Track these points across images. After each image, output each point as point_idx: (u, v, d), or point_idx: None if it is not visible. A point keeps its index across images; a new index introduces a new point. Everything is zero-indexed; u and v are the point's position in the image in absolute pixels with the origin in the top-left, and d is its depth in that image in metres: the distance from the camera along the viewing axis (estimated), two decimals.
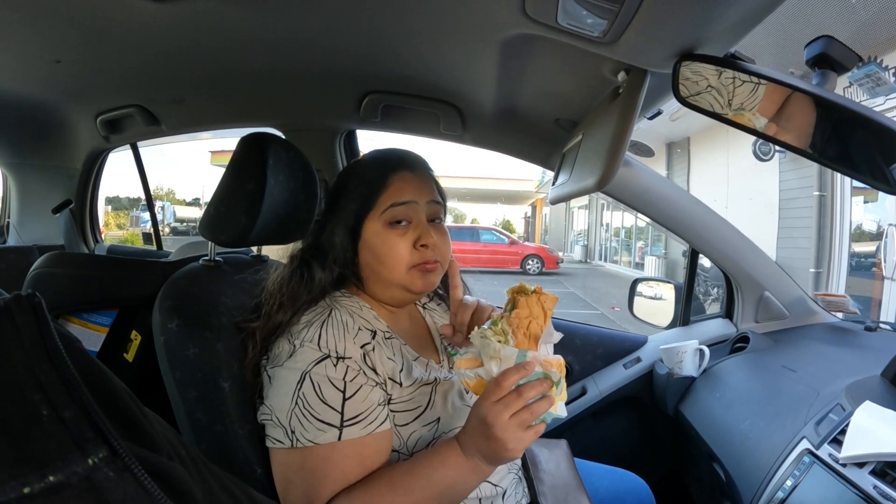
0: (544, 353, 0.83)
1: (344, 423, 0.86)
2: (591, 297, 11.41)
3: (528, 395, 0.79)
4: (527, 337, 0.82)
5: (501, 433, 0.78)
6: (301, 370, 0.88)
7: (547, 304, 0.83)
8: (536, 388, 0.80)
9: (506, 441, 0.78)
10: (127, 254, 2.54)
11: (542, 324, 0.83)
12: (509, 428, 0.78)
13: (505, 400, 0.79)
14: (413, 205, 1.01)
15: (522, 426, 0.79)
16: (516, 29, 0.91)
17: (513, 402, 0.78)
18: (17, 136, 2.12)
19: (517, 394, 0.79)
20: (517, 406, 0.78)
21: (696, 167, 11.16)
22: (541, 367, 0.81)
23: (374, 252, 1.00)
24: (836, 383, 1.13)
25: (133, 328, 1.32)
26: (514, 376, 0.79)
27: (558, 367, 0.83)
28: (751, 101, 0.80)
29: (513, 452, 0.80)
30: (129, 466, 0.32)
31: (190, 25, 1.16)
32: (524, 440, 0.79)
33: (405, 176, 1.03)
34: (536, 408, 0.79)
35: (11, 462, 0.28)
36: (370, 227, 1.01)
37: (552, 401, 0.81)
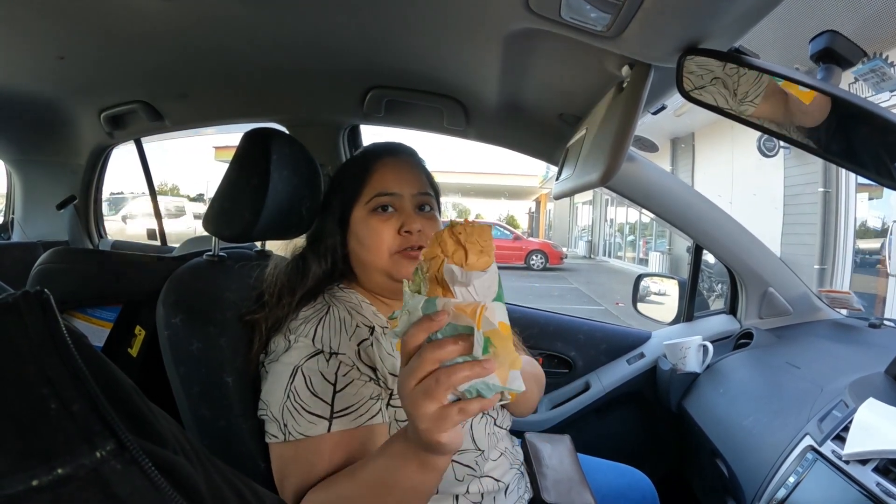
0: (462, 299, 0.60)
1: (334, 415, 0.86)
2: (595, 292, 11.39)
3: (432, 354, 0.59)
4: (438, 282, 0.61)
5: (408, 406, 0.61)
6: (293, 364, 0.89)
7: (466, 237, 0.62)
8: (447, 346, 0.58)
9: (415, 418, 0.61)
10: (131, 249, 2.54)
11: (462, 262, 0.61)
12: (414, 400, 0.60)
13: (409, 364, 0.61)
14: (398, 196, 1.02)
15: (431, 397, 0.59)
16: (520, 23, 0.91)
17: (416, 366, 0.60)
18: (22, 132, 2.13)
19: (418, 354, 0.60)
20: (421, 370, 0.59)
21: (700, 163, 11.13)
22: (457, 319, 0.59)
23: (358, 239, 1.02)
24: (840, 380, 1.12)
25: (137, 323, 1.33)
26: (415, 331, 0.60)
27: (471, 313, 0.58)
28: (755, 96, 0.79)
29: (427, 434, 0.61)
30: (136, 459, 0.32)
31: (194, 21, 1.16)
32: (441, 419, 0.60)
33: (388, 162, 1.05)
34: (452, 373, 0.58)
35: (20, 454, 0.29)
36: (356, 216, 1.03)
37: (485, 367, 0.58)
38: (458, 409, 0.59)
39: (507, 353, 0.59)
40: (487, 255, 0.62)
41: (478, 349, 0.57)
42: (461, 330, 0.59)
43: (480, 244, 0.61)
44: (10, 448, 0.29)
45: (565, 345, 1.88)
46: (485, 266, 0.62)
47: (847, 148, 0.78)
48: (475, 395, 0.60)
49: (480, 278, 0.61)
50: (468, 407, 0.60)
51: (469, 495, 0.99)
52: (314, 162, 1.16)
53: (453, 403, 0.60)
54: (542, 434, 1.29)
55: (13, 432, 0.29)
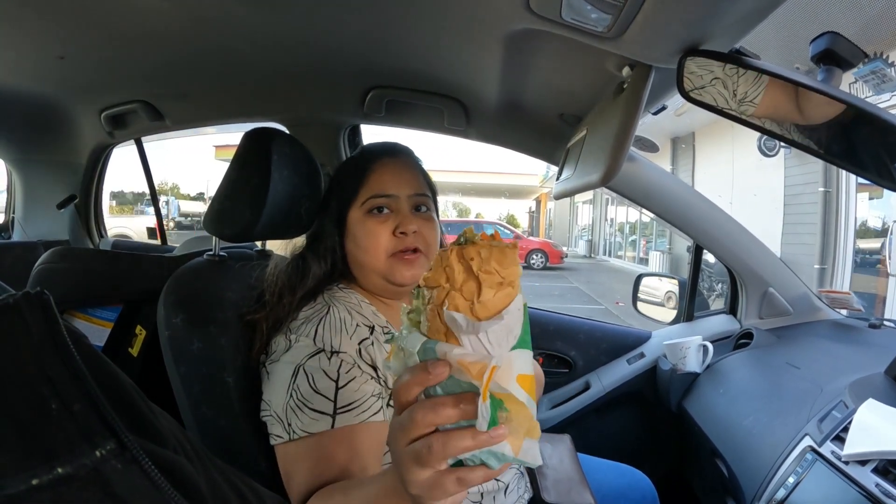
0: (471, 349, 0.46)
1: (337, 411, 0.86)
2: (596, 292, 11.39)
3: (426, 418, 0.47)
4: (441, 320, 0.47)
5: (398, 467, 0.51)
6: (295, 363, 0.89)
7: (480, 264, 0.46)
8: (445, 409, 0.47)
9: (405, 482, 0.50)
10: (131, 249, 2.54)
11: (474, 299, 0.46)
12: (404, 462, 0.49)
13: (400, 418, 0.50)
14: (394, 198, 1.02)
15: (422, 464, 0.48)
16: (521, 24, 0.91)
17: (406, 425, 0.49)
18: (22, 131, 2.12)
19: (410, 413, 0.48)
20: (413, 432, 0.48)
21: (700, 163, 11.13)
22: (459, 374, 0.46)
23: (355, 240, 1.03)
24: (840, 380, 1.12)
25: (138, 323, 1.33)
26: (409, 382, 0.48)
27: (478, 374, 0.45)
28: (756, 98, 0.79)
29: (419, 501, 0.51)
30: (136, 459, 0.32)
31: (194, 20, 1.16)
32: (432, 487, 0.49)
33: (385, 162, 1.05)
34: (449, 442, 0.46)
35: (21, 454, 0.29)
36: (352, 217, 1.03)
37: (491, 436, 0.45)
38: (457, 478, 0.48)
39: (523, 419, 0.46)
40: (510, 287, 0.48)
41: (482, 423, 0.44)
42: (465, 387, 0.46)
43: (500, 274, 0.47)
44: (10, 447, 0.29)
45: (565, 344, 1.89)
46: (503, 304, 0.47)
47: (847, 149, 0.78)
48: (479, 464, 0.48)
49: (495, 326, 0.46)
50: (468, 476, 0.49)
51: (469, 495, 0.99)
52: (314, 162, 1.16)
53: (451, 470, 0.48)
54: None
55: (14, 432, 0.29)
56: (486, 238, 0.49)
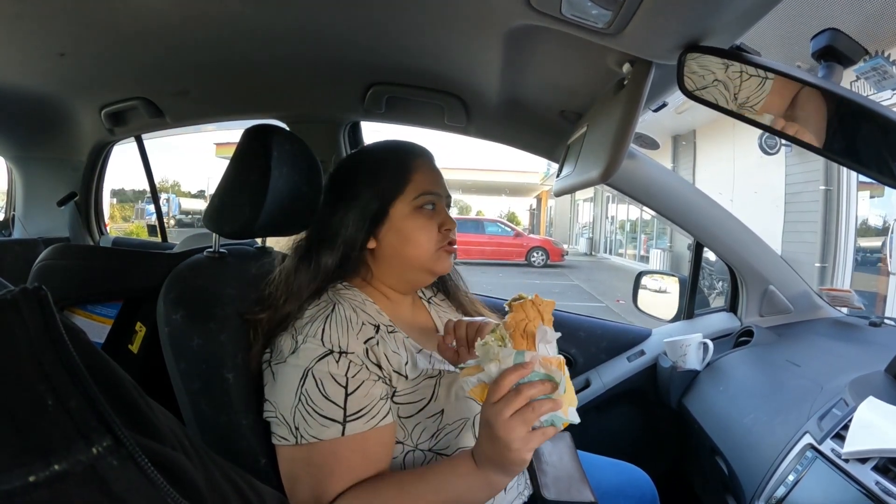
0: (544, 352, 0.81)
1: (347, 419, 0.86)
2: (596, 289, 11.39)
3: (528, 392, 0.77)
4: (524, 338, 0.80)
5: (503, 432, 0.76)
6: (304, 367, 0.89)
7: (543, 308, 0.82)
8: (538, 387, 0.78)
9: (509, 441, 0.76)
10: (132, 246, 2.54)
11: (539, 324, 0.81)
12: (511, 426, 0.76)
13: (506, 398, 0.77)
14: (439, 196, 1.07)
15: (526, 424, 0.77)
16: (521, 20, 0.91)
17: (513, 400, 0.77)
18: (22, 129, 2.13)
19: (517, 392, 0.77)
20: (518, 403, 0.77)
21: (701, 160, 11.12)
22: (541, 367, 0.79)
23: (402, 234, 1.03)
24: (840, 378, 1.12)
25: (138, 320, 1.33)
26: (512, 375, 0.78)
27: (558, 365, 0.80)
28: (756, 94, 0.79)
29: (518, 454, 0.77)
30: (132, 455, 0.32)
31: (194, 17, 1.16)
32: (529, 441, 0.77)
33: (425, 163, 1.08)
34: (541, 405, 0.77)
35: (17, 450, 0.29)
36: (399, 210, 1.03)
37: (559, 403, 0.79)
38: (542, 432, 0.79)
39: (570, 393, 0.81)
40: (552, 319, 0.83)
41: (561, 390, 0.79)
42: (543, 376, 0.79)
43: (549, 314, 0.82)
44: (7, 444, 0.29)
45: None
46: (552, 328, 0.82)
47: (848, 146, 0.77)
48: (549, 425, 0.80)
49: (555, 339, 0.82)
50: (547, 431, 0.79)
51: None
52: (314, 158, 1.16)
53: (535, 430, 0.79)
54: None
55: (10, 428, 0.29)
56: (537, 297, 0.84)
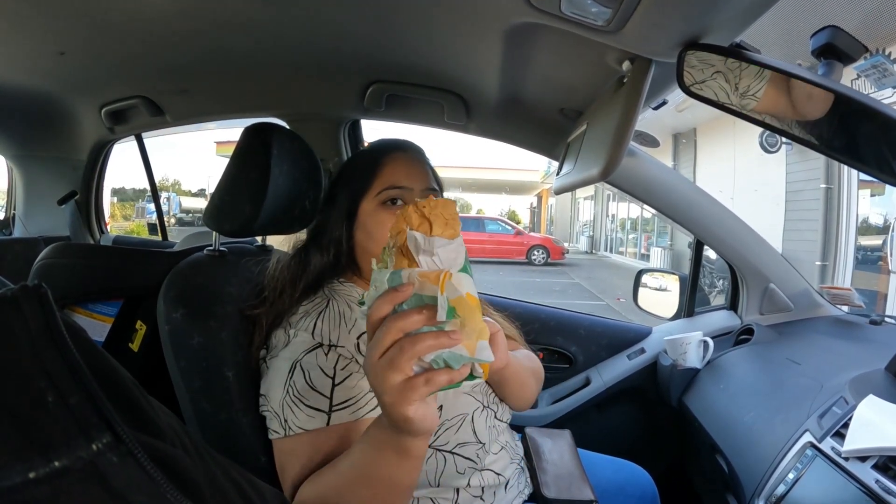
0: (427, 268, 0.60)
1: (332, 408, 0.87)
2: (597, 287, 11.39)
3: (396, 323, 0.58)
4: (404, 255, 0.61)
5: (374, 380, 0.60)
6: (292, 359, 0.90)
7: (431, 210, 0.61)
8: (412, 315, 0.58)
9: (381, 392, 0.59)
10: (132, 244, 2.55)
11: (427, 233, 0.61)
12: (379, 372, 0.58)
13: (375, 336, 0.60)
14: (408, 190, 1.03)
15: (395, 368, 0.57)
16: (520, 18, 0.91)
17: (381, 337, 0.59)
18: (23, 128, 2.13)
19: (383, 324, 0.59)
20: (386, 340, 0.58)
21: (702, 158, 11.12)
22: (422, 289, 0.59)
23: (367, 230, 1.03)
24: (840, 377, 1.12)
25: (138, 318, 1.33)
26: (381, 303, 0.60)
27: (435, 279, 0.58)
28: (756, 92, 0.79)
29: (394, 409, 0.60)
30: (132, 452, 0.32)
31: (194, 15, 1.16)
32: (406, 391, 0.58)
33: (398, 157, 1.07)
34: (417, 341, 0.57)
35: (18, 447, 0.29)
36: (365, 208, 1.04)
37: (450, 336, 0.57)
38: (425, 379, 0.58)
39: (474, 322, 0.58)
40: (452, 228, 0.62)
41: (441, 314, 0.57)
42: (427, 300, 0.59)
43: (445, 216, 0.61)
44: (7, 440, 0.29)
45: (566, 340, 1.89)
46: (450, 237, 0.61)
47: (849, 144, 0.77)
48: (442, 366, 0.58)
49: (445, 247, 0.60)
50: (435, 378, 0.58)
51: (470, 489, 0.99)
52: (315, 156, 1.16)
53: (419, 375, 0.58)
54: (542, 429, 1.29)
55: (11, 425, 0.29)
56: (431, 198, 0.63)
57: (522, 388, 1.08)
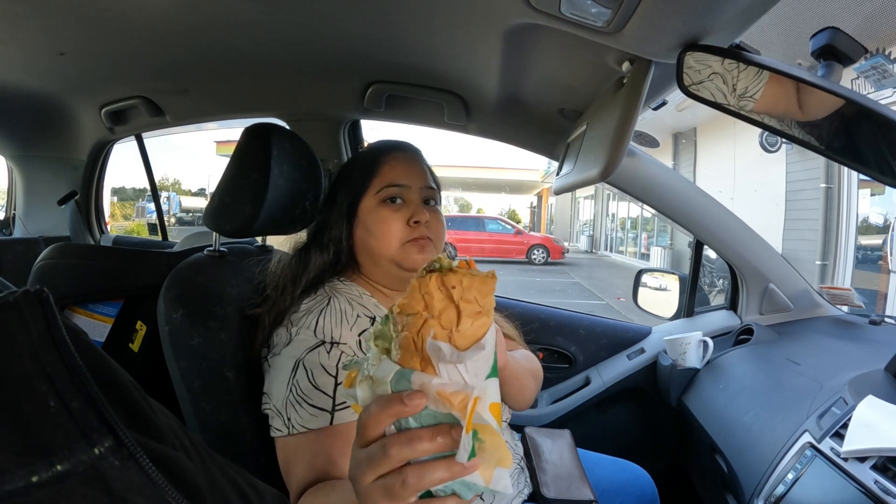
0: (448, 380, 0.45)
1: (336, 408, 0.87)
2: (597, 287, 11.39)
3: (400, 452, 0.45)
4: (417, 348, 0.45)
5: (364, 499, 0.48)
6: (295, 358, 0.90)
7: (461, 293, 0.45)
8: (421, 443, 0.45)
9: None
10: (132, 244, 2.55)
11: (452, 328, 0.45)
12: (371, 497, 0.47)
13: (368, 451, 0.48)
14: (407, 188, 1.04)
15: (393, 499, 0.46)
16: (520, 18, 0.91)
17: (377, 459, 0.46)
18: (23, 128, 2.13)
19: (383, 447, 0.46)
20: (383, 466, 0.46)
21: (702, 158, 11.12)
22: (437, 405, 0.44)
23: (367, 228, 1.04)
24: (840, 377, 1.12)
25: (138, 318, 1.33)
26: (381, 414, 0.46)
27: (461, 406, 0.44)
28: (756, 93, 0.79)
29: None
30: (133, 455, 0.33)
31: (193, 16, 1.16)
32: None
33: (397, 156, 1.08)
34: (424, 474, 0.45)
35: (20, 451, 0.29)
36: (365, 206, 1.05)
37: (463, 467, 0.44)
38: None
39: (495, 448, 0.45)
40: (486, 317, 0.46)
41: (463, 455, 0.43)
42: (441, 419, 0.45)
43: (479, 303, 0.46)
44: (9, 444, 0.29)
45: (566, 340, 1.89)
46: (481, 332, 0.46)
47: (849, 145, 0.78)
48: (450, 494, 0.47)
49: (476, 356, 0.45)
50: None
51: None
52: (315, 157, 1.16)
53: (422, 501, 0.47)
54: (542, 429, 1.29)
55: (13, 429, 0.30)
56: (464, 266, 0.47)
57: (522, 388, 1.08)
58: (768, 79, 0.78)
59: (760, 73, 0.78)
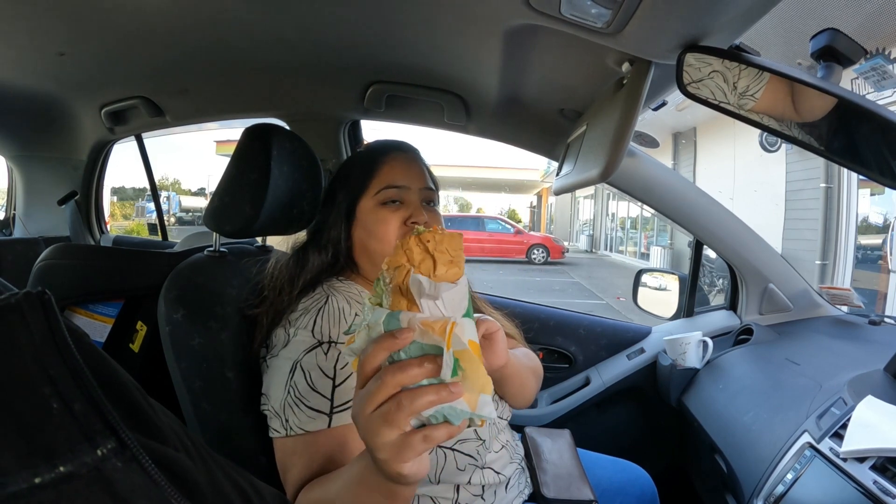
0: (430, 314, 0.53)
1: (334, 410, 0.87)
2: (597, 287, 11.39)
3: (394, 378, 0.52)
4: (403, 294, 0.54)
5: (365, 434, 0.55)
6: (293, 360, 0.90)
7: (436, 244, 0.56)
8: (411, 369, 0.52)
9: (373, 447, 0.55)
10: (132, 244, 2.55)
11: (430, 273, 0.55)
12: (372, 428, 0.54)
13: (366, 388, 0.55)
14: (406, 189, 1.04)
15: (391, 424, 0.52)
16: (520, 19, 0.91)
17: (374, 390, 0.53)
18: (23, 128, 2.13)
19: (379, 376, 0.54)
20: (381, 395, 0.53)
21: (702, 158, 11.11)
22: (423, 337, 0.53)
23: (366, 229, 1.04)
24: (839, 377, 1.12)
25: (139, 319, 1.33)
26: (376, 350, 0.54)
27: (441, 330, 0.52)
28: (756, 94, 0.79)
29: (388, 465, 0.55)
30: (136, 457, 0.33)
31: (193, 16, 1.16)
32: (403, 448, 0.53)
33: (397, 157, 1.08)
34: (416, 397, 0.52)
35: (23, 453, 0.29)
36: (363, 207, 1.05)
37: (451, 390, 0.52)
38: (423, 436, 0.53)
39: (477, 375, 0.53)
40: (457, 267, 0.56)
41: (447, 371, 0.51)
42: (427, 349, 0.53)
43: (450, 254, 0.56)
44: (12, 446, 0.29)
45: (566, 340, 1.89)
46: (455, 278, 0.56)
47: (848, 146, 0.78)
48: (441, 421, 0.53)
49: (450, 291, 0.54)
50: (433, 434, 0.53)
51: (470, 486, 0.99)
52: (315, 157, 1.16)
53: (416, 430, 0.53)
54: (542, 429, 1.29)
55: (16, 431, 0.30)
56: (436, 229, 0.58)
57: (522, 386, 1.09)
58: (768, 80, 0.78)
59: (760, 74, 0.78)
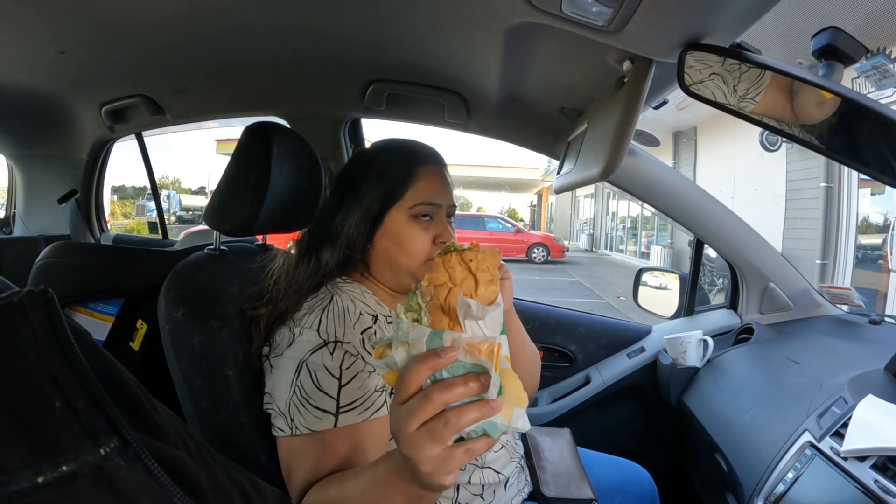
0: (472, 334, 0.55)
1: (340, 410, 0.87)
2: (597, 286, 11.39)
3: (441, 397, 0.54)
4: (444, 312, 0.56)
5: (409, 450, 0.56)
6: (298, 359, 0.90)
7: (478, 264, 0.58)
8: (458, 389, 0.54)
9: (417, 462, 0.56)
10: (133, 243, 2.55)
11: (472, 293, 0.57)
12: (418, 443, 0.55)
13: (410, 404, 0.56)
14: (438, 207, 1.03)
15: (437, 441, 0.55)
16: (521, 17, 0.91)
17: (419, 407, 0.55)
18: (23, 126, 2.12)
19: (425, 395, 0.55)
20: (426, 413, 0.55)
21: (702, 157, 11.11)
22: (466, 356, 0.54)
23: (396, 240, 1.02)
24: (840, 376, 1.12)
25: (139, 317, 1.33)
26: (420, 368, 0.55)
27: (488, 352, 0.54)
28: (757, 93, 0.79)
29: (431, 478, 0.57)
30: (139, 456, 0.33)
31: (194, 14, 1.16)
32: (446, 462, 0.56)
33: (433, 171, 1.06)
34: (462, 415, 0.54)
35: (26, 452, 0.29)
36: (394, 217, 1.02)
37: (492, 406, 0.54)
38: (465, 450, 0.56)
39: (513, 390, 0.56)
40: (496, 285, 0.58)
41: (493, 391, 0.54)
42: (470, 368, 0.55)
43: (490, 273, 0.58)
44: (15, 445, 0.29)
45: (566, 338, 1.89)
46: (494, 296, 0.58)
47: (849, 145, 0.77)
48: (480, 434, 0.56)
49: (493, 312, 0.55)
50: (475, 447, 0.56)
51: (470, 486, 0.99)
52: (315, 155, 1.16)
53: (458, 444, 0.56)
54: (542, 428, 1.30)
55: (18, 429, 0.30)
56: (475, 246, 0.60)
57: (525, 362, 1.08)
58: (769, 78, 0.78)
59: (761, 73, 0.78)
